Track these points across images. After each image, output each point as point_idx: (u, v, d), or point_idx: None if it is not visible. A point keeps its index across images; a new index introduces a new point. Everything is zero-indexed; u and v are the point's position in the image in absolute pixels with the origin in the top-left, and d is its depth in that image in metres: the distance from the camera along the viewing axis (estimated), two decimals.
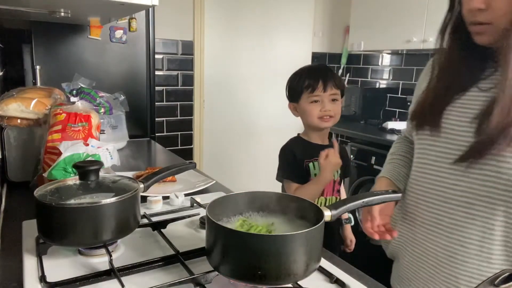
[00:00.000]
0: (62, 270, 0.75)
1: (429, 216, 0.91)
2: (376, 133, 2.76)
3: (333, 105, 1.33)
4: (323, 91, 1.30)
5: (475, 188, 0.82)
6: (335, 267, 0.80)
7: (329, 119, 1.33)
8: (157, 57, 2.62)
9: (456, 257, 0.86)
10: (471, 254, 0.84)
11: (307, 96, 1.32)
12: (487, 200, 0.81)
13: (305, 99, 1.33)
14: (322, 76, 1.31)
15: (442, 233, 0.88)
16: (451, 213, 0.86)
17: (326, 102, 1.31)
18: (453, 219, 0.86)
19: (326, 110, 1.31)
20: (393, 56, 3.30)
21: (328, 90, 1.30)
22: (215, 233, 0.66)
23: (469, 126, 0.82)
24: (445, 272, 0.88)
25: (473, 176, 0.82)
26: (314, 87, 1.30)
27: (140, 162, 1.78)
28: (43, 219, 0.76)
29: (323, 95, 1.31)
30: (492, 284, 0.53)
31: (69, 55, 2.05)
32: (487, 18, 0.76)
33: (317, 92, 1.30)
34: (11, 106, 1.26)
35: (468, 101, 0.85)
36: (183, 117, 3.03)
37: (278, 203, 0.78)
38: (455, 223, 0.86)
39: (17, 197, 1.20)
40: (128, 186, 0.84)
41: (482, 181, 0.81)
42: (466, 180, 0.83)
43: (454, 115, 0.86)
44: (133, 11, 1.87)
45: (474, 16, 0.77)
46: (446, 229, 0.88)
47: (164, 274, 0.75)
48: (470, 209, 0.83)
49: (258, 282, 0.63)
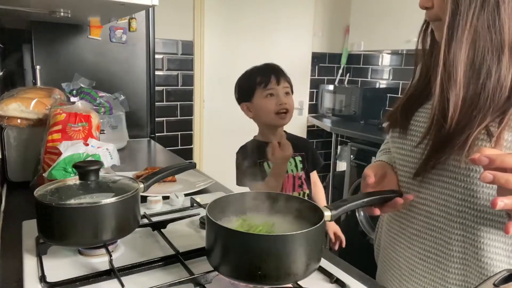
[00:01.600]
0: (62, 270, 0.75)
1: (394, 223, 0.87)
2: (376, 133, 2.76)
3: (287, 98, 1.34)
4: (277, 84, 1.32)
5: (434, 196, 0.78)
6: (335, 267, 0.79)
7: (285, 115, 1.33)
8: (157, 57, 2.62)
9: (416, 270, 0.82)
10: (429, 269, 0.79)
11: (261, 91, 1.33)
12: (445, 210, 0.76)
13: (259, 94, 1.34)
14: (273, 72, 1.34)
15: (405, 243, 0.84)
16: (412, 222, 0.82)
17: (281, 95, 1.32)
18: (414, 228, 0.82)
19: (282, 103, 1.32)
20: (393, 56, 3.30)
21: (281, 83, 1.33)
22: (215, 233, 0.66)
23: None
24: (406, 286, 0.84)
25: (432, 182, 0.78)
26: (267, 82, 1.32)
27: (140, 162, 1.78)
28: (43, 219, 0.76)
29: (278, 88, 1.32)
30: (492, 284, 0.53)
31: (69, 55, 2.05)
32: (434, 15, 0.74)
33: (271, 86, 1.32)
34: (11, 106, 1.26)
35: None
36: (183, 117, 3.03)
37: (278, 203, 0.78)
38: (416, 234, 0.82)
39: (17, 197, 1.20)
40: (128, 186, 0.84)
41: (440, 188, 0.77)
42: (426, 187, 0.79)
43: (422, 117, 0.82)
44: (133, 11, 1.87)
45: (426, 15, 0.77)
46: (408, 239, 0.83)
47: (164, 274, 0.75)
48: (429, 219, 0.79)
49: (258, 282, 0.63)
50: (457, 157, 0.72)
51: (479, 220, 0.73)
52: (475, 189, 0.72)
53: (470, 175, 0.72)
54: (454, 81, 0.69)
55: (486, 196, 0.71)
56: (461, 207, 0.74)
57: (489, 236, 0.73)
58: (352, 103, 3.24)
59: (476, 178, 0.71)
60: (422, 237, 0.81)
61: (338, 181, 3.19)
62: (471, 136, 0.68)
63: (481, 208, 0.72)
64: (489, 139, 0.68)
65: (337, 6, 3.55)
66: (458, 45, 0.69)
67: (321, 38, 3.56)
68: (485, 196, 0.71)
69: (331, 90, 3.51)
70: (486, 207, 0.72)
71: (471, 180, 0.72)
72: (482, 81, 0.69)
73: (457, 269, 0.76)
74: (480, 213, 0.73)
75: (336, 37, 3.62)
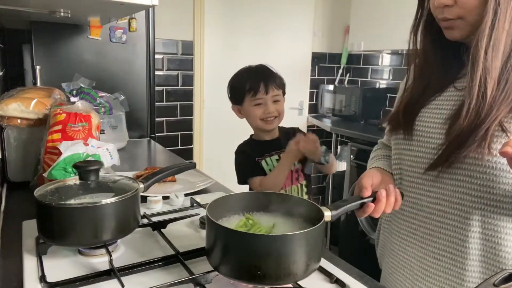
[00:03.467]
0: (62, 270, 0.75)
1: (404, 225, 0.88)
2: (376, 133, 2.76)
3: (275, 105, 1.35)
4: (265, 93, 1.32)
5: (447, 195, 0.78)
6: (335, 267, 0.79)
7: (272, 120, 1.35)
8: (157, 57, 2.62)
9: (430, 270, 0.82)
10: (444, 268, 0.80)
11: (249, 99, 1.34)
12: (460, 208, 0.77)
13: (248, 102, 1.35)
14: (263, 79, 1.33)
15: (417, 243, 0.84)
16: (425, 221, 0.82)
17: (269, 105, 1.33)
18: (427, 228, 0.82)
19: (269, 112, 1.33)
20: (393, 56, 3.30)
21: (270, 92, 1.32)
22: (215, 233, 0.66)
23: (442, 128, 0.79)
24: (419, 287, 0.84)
25: (445, 181, 0.78)
26: (256, 91, 1.32)
27: (140, 162, 1.78)
28: (43, 219, 0.76)
29: (266, 98, 1.32)
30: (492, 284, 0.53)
31: (69, 55, 2.05)
32: (455, 13, 0.73)
33: (260, 95, 1.32)
34: (11, 106, 1.26)
35: (443, 101, 0.81)
36: (183, 117, 3.03)
37: (278, 203, 0.78)
38: (429, 233, 0.82)
39: (17, 197, 1.20)
40: (128, 186, 0.84)
41: (454, 187, 0.77)
42: (439, 186, 0.79)
43: (428, 117, 0.82)
44: (133, 11, 1.87)
45: (442, 13, 0.75)
46: (420, 239, 0.84)
47: (164, 274, 0.75)
48: (443, 218, 0.79)
49: (258, 282, 0.63)
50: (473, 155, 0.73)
51: (497, 216, 0.74)
52: (491, 185, 0.73)
53: (486, 172, 0.73)
54: (491, 78, 0.70)
55: (503, 192, 0.72)
56: (477, 204, 0.75)
57: (508, 231, 0.74)
58: (352, 103, 3.24)
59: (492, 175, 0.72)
60: (436, 237, 0.81)
61: (338, 181, 3.19)
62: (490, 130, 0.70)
63: (498, 204, 0.73)
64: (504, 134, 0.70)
65: (337, 6, 3.54)
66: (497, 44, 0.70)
67: (321, 38, 3.55)
68: (502, 192, 0.72)
69: (331, 90, 3.51)
70: (504, 202, 0.73)
71: (487, 177, 0.73)
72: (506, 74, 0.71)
73: (474, 266, 0.77)
74: (497, 209, 0.74)
75: (336, 37, 3.62)
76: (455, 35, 0.76)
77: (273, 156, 1.37)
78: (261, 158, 1.36)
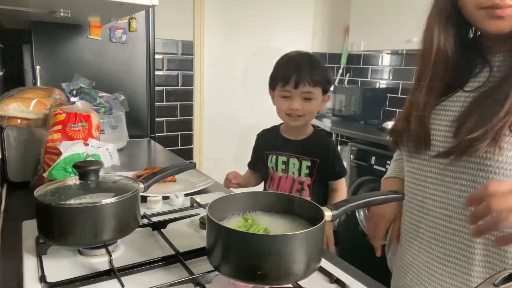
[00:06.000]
0: (62, 270, 0.75)
1: (411, 228, 0.87)
2: (376, 133, 2.76)
3: (304, 103, 1.23)
4: (295, 87, 1.21)
5: (452, 199, 0.78)
6: (335, 267, 0.80)
7: (297, 118, 1.24)
8: (157, 57, 2.62)
9: (435, 275, 0.81)
10: (450, 274, 0.79)
11: (279, 89, 1.25)
12: (465, 213, 0.76)
13: (278, 91, 1.26)
14: (298, 71, 1.21)
15: (423, 247, 0.84)
16: (431, 226, 0.82)
17: (295, 100, 1.22)
18: (433, 233, 0.82)
19: (293, 109, 1.23)
20: (393, 56, 3.30)
21: (300, 87, 1.20)
22: (215, 233, 0.66)
23: (448, 131, 0.78)
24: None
25: (449, 185, 0.78)
26: (286, 82, 1.21)
27: (140, 162, 1.78)
28: (43, 219, 0.76)
29: (294, 92, 1.22)
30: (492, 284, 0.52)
31: (69, 55, 2.05)
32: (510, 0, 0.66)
33: (288, 88, 1.22)
34: (11, 106, 1.25)
35: (450, 103, 0.80)
36: (183, 117, 3.03)
37: (278, 203, 0.78)
38: (434, 238, 0.81)
39: (17, 197, 1.20)
40: (128, 186, 0.84)
41: (458, 191, 0.76)
42: (444, 190, 0.79)
43: (434, 118, 0.81)
44: (133, 11, 1.87)
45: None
46: (426, 243, 0.83)
47: (164, 274, 0.75)
48: (449, 223, 0.79)
49: (258, 282, 0.63)
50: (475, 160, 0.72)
51: None
52: None
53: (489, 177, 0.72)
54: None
55: None
56: None
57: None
58: (352, 103, 3.24)
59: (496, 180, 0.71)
60: (441, 241, 0.80)
61: None
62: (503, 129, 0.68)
63: None
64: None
65: (337, 6, 3.54)
66: None
67: (321, 38, 3.55)
68: None
69: (331, 90, 3.51)
70: None
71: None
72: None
73: (480, 272, 0.76)
74: None
75: (336, 37, 3.62)
76: (504, 26, 0.69)
77: (281, 156, 1.31)
78: (271, 152, 1.31)
